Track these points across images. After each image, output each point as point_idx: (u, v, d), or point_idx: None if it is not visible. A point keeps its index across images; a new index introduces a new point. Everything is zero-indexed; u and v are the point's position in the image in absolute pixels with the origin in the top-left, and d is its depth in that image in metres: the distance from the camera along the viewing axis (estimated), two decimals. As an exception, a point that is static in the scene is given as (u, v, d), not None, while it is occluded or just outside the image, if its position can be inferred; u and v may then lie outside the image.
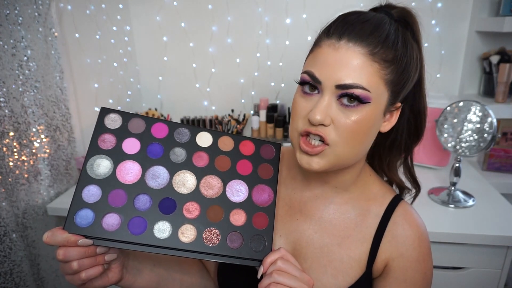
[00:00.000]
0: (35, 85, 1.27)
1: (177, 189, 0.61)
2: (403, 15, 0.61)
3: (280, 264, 0.57)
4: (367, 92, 0.54)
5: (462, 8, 1.61)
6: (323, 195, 0.68)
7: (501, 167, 1.64)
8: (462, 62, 1.69)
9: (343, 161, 0.59)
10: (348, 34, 0.55)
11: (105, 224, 0.56)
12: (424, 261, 0.65)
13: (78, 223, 0.55)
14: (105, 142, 0.61)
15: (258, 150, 0.67)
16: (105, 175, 0.59)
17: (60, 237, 0.53)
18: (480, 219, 1.20)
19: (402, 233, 0.65)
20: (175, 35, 1.78)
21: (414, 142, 0.70)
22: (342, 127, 0.56)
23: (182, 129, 0.65)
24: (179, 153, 0.63)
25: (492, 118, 1.20)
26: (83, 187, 0.57)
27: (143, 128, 0.63)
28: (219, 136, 0.66)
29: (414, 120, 0.68)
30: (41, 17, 1.27)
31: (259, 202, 0.63)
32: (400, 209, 0.67)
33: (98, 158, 0.59)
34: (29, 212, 1.28)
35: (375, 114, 0.57)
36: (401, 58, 0.57)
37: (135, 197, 0.59)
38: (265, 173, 0.66)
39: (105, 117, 0.62)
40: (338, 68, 0.54)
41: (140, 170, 0.60)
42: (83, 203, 0.56)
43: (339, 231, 0.67)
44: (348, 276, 0.65)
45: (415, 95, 0.65)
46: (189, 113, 1.89)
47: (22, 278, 1.21)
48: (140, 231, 0.57)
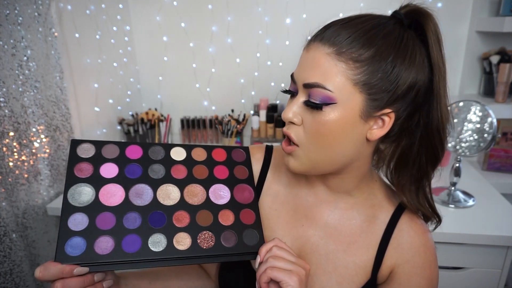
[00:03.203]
0: (35, 85, 1.27)
1: (163, 202, 0.62)
2: (413, 14, 0.56)
3: (275, 250, 0.58)
4: (329, 92, 0.53)
5: (462, 8, 1.61)
6: (327, 200, 0.68)
7: (501, 167, 1.64)
8: (462, 62, 1.69)
9: (318, 165, 0.58)
10: (321, 35, 0.55)
11: (98, 248, 0.55)
12: (430, 268, 0.65)
13: (69, 253, 0.54)
14: (82, 170, 0.61)
15: (229, 155, 0.71)
16: (89, 202, 0.58)
17: (53, 269, 0.51)
18: (480, 219, 1.20)
19: (408, 239, 0.64)
20: (175, 35, 1.78)
21: (429, 164, 0.60)
22: (309, 128, 0.56)
23: (156, 147, 0.67)
24: (157, 169, 0.65)
25: (492, 118, 1.20)
26: (68, 216, 0.56)
27: (118, 153, 0.64)
28: (191, 149, 0.69)
29: (427, 137, 0.58)
30: (41, 17, 1.27)
31: (242, 200, 0.66)
32: (406, 216, 0.66)
33: (78, 187, 0.59)
34: (29, 212, 1.28)
35: (346, 117, 0.54)
36: (382, 58, 0.52)
37: (123, 217, 0.59)
38: (241, 174, 0.69)
39: (77, 148, 0.62)
40: (306, 68, 0.55)
41: (123, 191, 0.61)
42: (71, 232, 0.55)
43: (345, 237, 0.66)
44: (353, 283, 0.64)
45: (429, 108, 0.57)
46: (189, 113, 1.89)
47: (22, 278, 1.21)
48: (136, 248, 0.56)
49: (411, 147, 0.60)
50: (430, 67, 0.56)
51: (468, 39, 1.64)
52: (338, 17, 0.60)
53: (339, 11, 1.62)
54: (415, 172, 0.61)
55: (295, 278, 0.54)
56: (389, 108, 0.55)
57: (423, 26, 0.55)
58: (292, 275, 0.54)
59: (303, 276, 0.56)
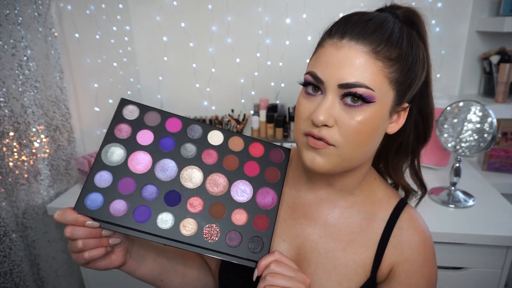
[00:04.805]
0: (35, 85, 1.27)
1: (184, 183, 0.62)
2: (408, 15, 0.60)
3: (273, 267, 0.57)
4: (371, 91, 0.53)
5: (462, 8, 1.61)
6: (327, 198, 0.68)
7: (501, 167, 1.64)
8: (462, 62, 1.69)
9: (347, 163, 0.58)
10: (351, 32, 0.54)
11: (112, 209, 0.58)
12: (429, 266, 0.65)
13: (87, 205, 0.58)
14: (121, 131, 0.63)
15: (267, 153, 0.68)
16: (118, 163, 0.61)
17: (70, 216, 0.56)
18: (480, 219, 1.20)
19: (407, 238, 0.65)
20: (175, 35, 1.78)
21: (421, 144, 0.69)
22: (346, 128, 0.54)
23: (195, 126, 0.67)
24: (190, 149, 0.65)
25: (492, 118, 1.20)
26: (96, 172, 0.60)
27: (158, 121, 0.65)
28: (230, 136, 0.68)
29: (422, 122, 0.67)
30: (41, 17, 1.27)
31: (262, 204, 0.64)
32: (406, 214, 0.66)
33: (112, 146, 0.62)
34: (29, 212, 1.28)
35: (381, 115, 0.56)
36: (406, 56, 0.56)
37: (143, 186, 0.61)
38: (271, 176, 0.66)
39: (123, 108, 0.65)
40: (341, 67, 0.53)
41: (150, 161, 0.63)
42: (94, 187, 0.59)
43: (344, 236, 0.66)
44: (353, 282, 0.64)
45: (423, 96, 0.64)
46: (189, 113, 1.89)
47: (22, 278, 1.21)
48: (144, 219, 0.59)
49: (403, 133, 0.67)
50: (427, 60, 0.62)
51: (468, 39, 1.64)
52: (338, 17, 0.60)
53: (339, 11, 1.60)
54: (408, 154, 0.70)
55: None
56: (407, 102, 0.60)
57: (418, 25, 0.60)
58: None
59: None
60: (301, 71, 0.60)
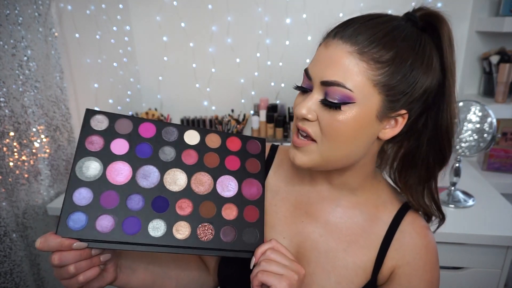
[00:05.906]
0: (35, 85, 1.27)
1: (169, 187, 0.61)
2: (428, 18, 0.57)
3: (269, 253, 0.57)
4: (349, 91, 0.53)
5: (462, 8, 1.61)
6: (329, 197, 0.68)
7: (501, 167, 1.64)
8: (462, 62, 1.69)
9: (329, 161, 0.58)
10: (342, 32, 0.54)
11: (99, 226, 0.56)
12: (431, 271, 0.64)
13: (71, 227, 0.54)
14: (93, 144, 0.60)
15: (244, 145, 0.68)
16: (95, 177, 0.58)
17: (53, 242, 0.52)
18: (480, 219, 1.20)
19: (410, 241, 0.64)
20: (175, 35, 1.78)
21: (437, 165, 0.62)
22: (326, 125, 0.55)
23: (170, 128, 0.65)
24: (168, 152, 0.64)
25: (492, 118, 1.20)
26: (73, 190, 0.57)
27: (131, 129, 0.63)
28: (206, 134, 0.67)
29: (435, 138, 0.60)
30: (41, 17, 1.27)
31: (248, 195, 0.64)
32: (409, 218, 0.66)
33: (86, 160, 0.59)
34: (29, 212, 1.28)
35: (363, 116, 0.54)
36: (402, 61, 0.53)
37: (127, 197, 0.59)
38: (252, 167, 0.67)
39: (90, 119, 0.62)
40: (325, 65, 0.54)
41: (130, 171, 0.60)
42: (74, 207, 0.56)
43: (346, 236, 0.66)
44: (352, 284, 0.64)
45: (439, 109, 0.58)
46: (189, 113, 1.89)
47: (22, 278, 1.21)
48: (135, 230, 0.57)
49: (419, 148, 0.62)
50: (442, 70, 0.57)
51: (468, 39, 1.64)
52: (338, 17, 0.60)
53: (339, 11, 1.62)
54: (423, 173, 0.63)
55: (284, 283, 0.54)
56: (404, 109, 0.56)
57: (438, 30, 0.56)
58: (282, 280, 0.54)
59: (295, 281, 0.56)
60: (301, 71, 0.61)
